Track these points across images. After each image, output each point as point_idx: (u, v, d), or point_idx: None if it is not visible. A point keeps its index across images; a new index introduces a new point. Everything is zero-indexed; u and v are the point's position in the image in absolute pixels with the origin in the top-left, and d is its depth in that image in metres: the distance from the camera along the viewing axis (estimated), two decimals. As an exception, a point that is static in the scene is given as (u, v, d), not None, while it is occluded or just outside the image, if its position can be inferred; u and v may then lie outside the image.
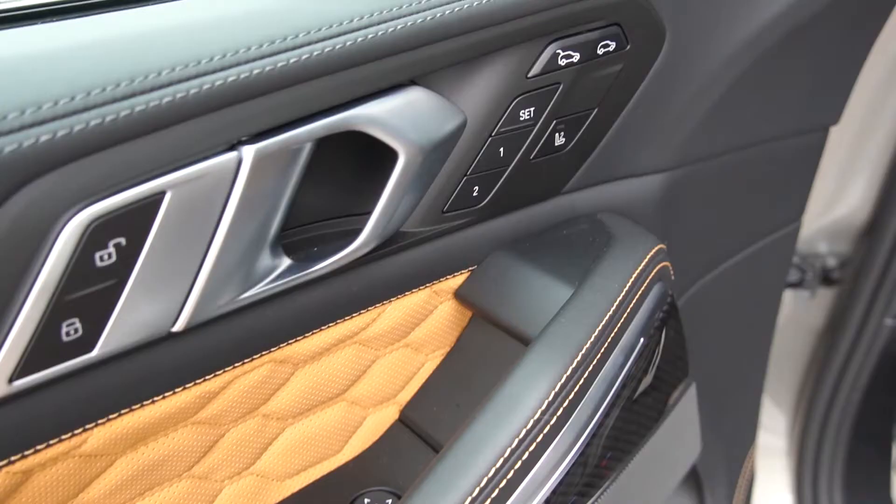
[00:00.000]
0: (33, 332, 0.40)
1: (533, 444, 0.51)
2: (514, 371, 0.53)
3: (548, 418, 0.51)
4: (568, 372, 0.53)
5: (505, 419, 0.51)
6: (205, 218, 0.44)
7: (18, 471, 0.45)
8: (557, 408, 0.52)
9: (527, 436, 0.51)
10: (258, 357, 0.53)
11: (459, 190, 0.57)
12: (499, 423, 0.51)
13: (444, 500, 0.50)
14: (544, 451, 0.52)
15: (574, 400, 0.53)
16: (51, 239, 0.39)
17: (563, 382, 0.52)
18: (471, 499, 0.49)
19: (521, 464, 0.51)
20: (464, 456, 0.51)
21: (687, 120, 0.68)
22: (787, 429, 1.41)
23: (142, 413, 0.49)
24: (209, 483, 0.58)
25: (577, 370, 0.53)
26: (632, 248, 0.63)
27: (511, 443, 0.50)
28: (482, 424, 0.51)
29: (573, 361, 0.53)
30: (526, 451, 0.51)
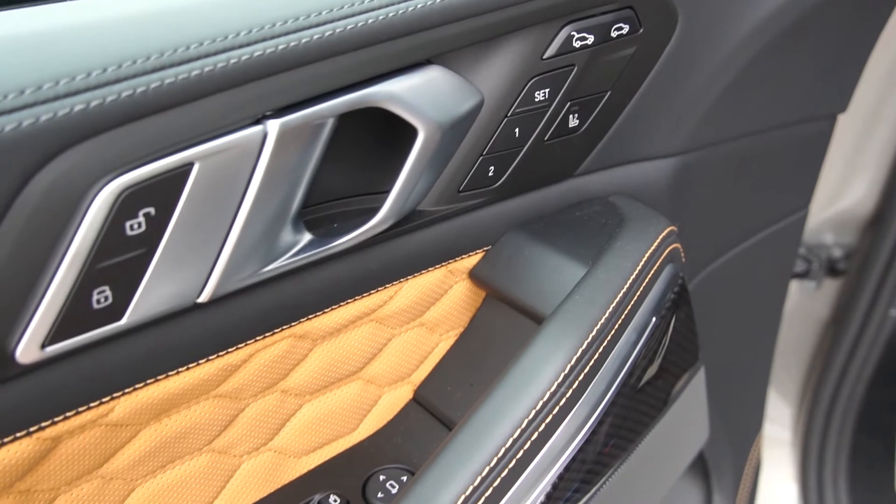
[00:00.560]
0: (65, 299, 0.41)
1: (549, 416, 0.52)
2: (529, 346, 0.54)
3: (563, 391, 0.52)
4: (583, 346, 0.54)
5: (521, 393, 0.52)
6: (231, 190, 0.45)
7: (48, 437, 0.46)
8: (573, 382, 0.53)
9: (542, 409, 0.52)
10: (279, 331, 0.54)
11: (475, 170, 0.58)
12: (514, 397, 0.52)
13: (460, 475, 0.51)
14: (559, 425, 0.53)
15: (589, 374, 0.54)
16: (83, 207, 0.40)
17: (579, 357, 0.53)
18: (488, 468, 0.50)
19: (538, 436, 0.52)
20: (480, 429, 0.52)
21: (697, 105, 0.69)
22: (792, 420, 1.42)
23: (166, 384, 0.50)
24: (228, 458, 0.59)
25: (591, 345, 0.54)
26: (644, 228, 0.64)
27: (527, 415, 0.51)
28: (498, 399, 0.52)
29: (588, 337, 0.54)
30: (542, 424, 0.52)
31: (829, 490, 1.37)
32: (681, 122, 0.69)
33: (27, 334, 0.41)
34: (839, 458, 1.37)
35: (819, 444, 1.37)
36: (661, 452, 0.74)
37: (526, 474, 0.53)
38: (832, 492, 1.37)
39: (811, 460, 1.38)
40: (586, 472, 0.60)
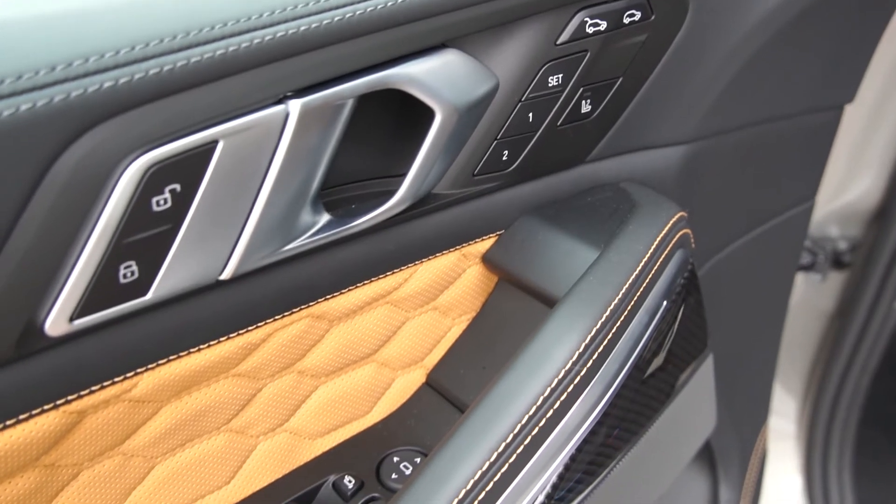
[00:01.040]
0: (93, 272, 0.42)
1: (563, 394, 0.53)
2: (543, 326, 0.55)
3: (578, 369, 0.53)
4: (597, 326, 0.54)
5: (535, 372, 0.53)
6: (253, 168, 0.46)
7: (74, 410, 0.47)
8: (587, 361, 0.54)
9: (556, 388, 0.53)
10: (297, 311, 0.55)
11: (490, 154, 0.59)
12: (529, 376, 0.53)
13: (474, 453, 0.52)
14: (572, 403, 0.54)
15: (602, 353, 0.55)
16: (111, 182, 0.41)
17: (593, 336, 0.54)
18: (504, 444, 0.51)
19: (552, 413, 0.52)
20: (494, 408, 0.52)
21: (707, 93, 0.69)
22: (797, 412, 1.43)
23: (188, 361, 0.51)
24: (245, 438, 0.60)
25: (605, 325, 0.55)
26: (655, 213, 0.65)
27: (542, 393, 0.52)
28: (512, 378, 0.53)
29: (602, 317, 0.55)
30: (557, 402, 0.53)
31: (834, 482, 1.37)
32: (690, 109, 0.70)
33: (56, 307, 0.42)
34: (844, 450, 1.38)
35: (824, 437, 1.37)
36: (670, 439, 0.74)
37: (539, 453, 0.54)
38: (837, 484, 1.37)
39: (816, 452, 1.38)
40: (597, 454, 0.61)
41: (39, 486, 0.50)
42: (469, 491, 0.51)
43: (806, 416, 1.40)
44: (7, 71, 0.38)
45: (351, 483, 0.62)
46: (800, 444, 1.42)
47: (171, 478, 0.57)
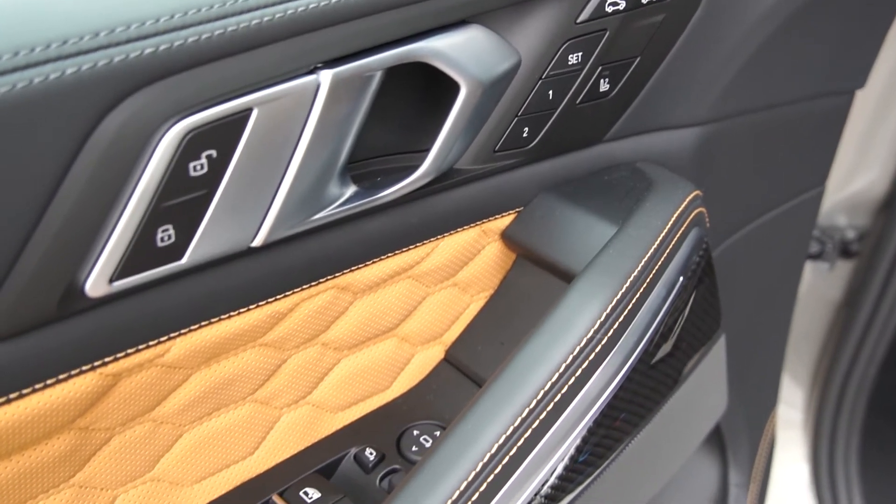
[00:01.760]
0: (132, 235, 0.43)
1: (585, 362, 0.54)
2: (565, 295, 0.56)
3: (599, 337, 0.54)
4: (618, 296, 0.56)
5: (557, 340, 0.54)
6: (286, 137, 0.47)
7: (110, 373, 0.48)
8: (608, 329, 0.55)
9: (579, 355, 0.54)
10: (323, 282, 0.56)
11: (510, 130, 0.60)
12: (552, 342, 0.54)
13: (496, 421, 0.53)
14: (593, 372, 0.55)
15: (623, 323, 0.56)
16: (151, 147, 0.42)
17: (614, 306, 0.55)
18: (527, 410, 0.52)
19: (575, 380, 0.54)
20: (518, 374, 0.54)
21: (722, 74, 0.71)
22: (804, 402, 1.44)
23: (218, 328, 0.52)
24: (269, 409, 0.62)
25: (625, 296, 0.56)
26: (671, 191, 0.66)
27: (564, 360, 0.53)
28: (536, 344, 0.54)
29: (622, 287, 0.56)
30: (579, 369, 0.54)
31: (841, 471, 1.38)
32: (705, 91, 0.71)
33: (96, 269, 0.43)
34: (850, 439, 1.39)
35: (831, 426, 1.38)
36: (683, 417, 0.75)
37: (560, 421, 0.55)
38: (843, 473, 1.38)
39: (823, 441, 1.39)
40: (615, 428, 0.62)
41: (74, 448, 0.51)
42: (493, 456, 0.52)
43: (813, 405, 1.41)
44: (53, 36, 0.39)
45: (372, 455, 0.63)
46: (806, 432, 1.43)
47: (197, 446, 0.58)
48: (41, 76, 0.38)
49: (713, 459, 1.07)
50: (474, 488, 0.52)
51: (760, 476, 1.11)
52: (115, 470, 0.55)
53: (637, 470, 0.70)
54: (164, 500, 0.58)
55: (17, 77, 0.38)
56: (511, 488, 0.54)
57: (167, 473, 0.58)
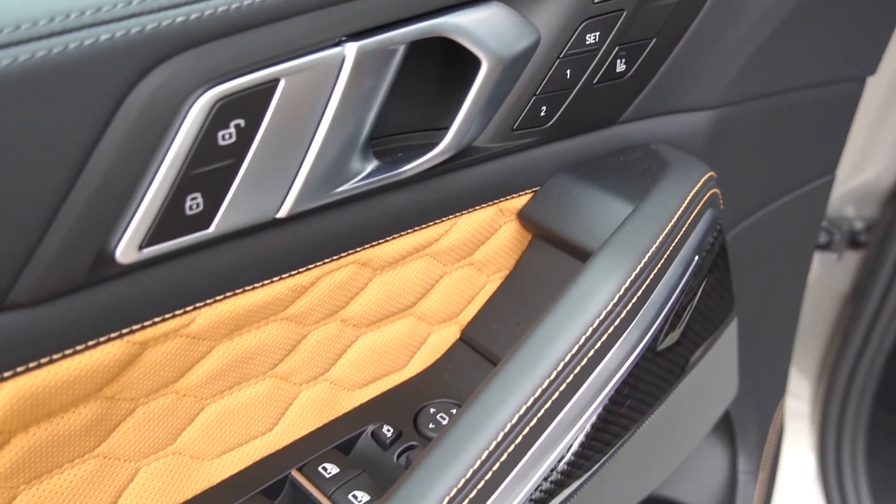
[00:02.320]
0: (162, 202, 0.44)
1: (605, 335, 0.55)
2: (584, 270, 0.57)
3: (619, 311, 0.55)
4: (636, 271, 0.56)
5: (578, 311, 0.54)
6: (311, 108, 0.48)
7: (137, 341, 0.49)
8: (626, 303, 0.56)
9: (598, 327, 0.54)
10: (345, 256, 0.57)
11: (529, 109, 0.61)
12: (572, 315, 0.54)
13: (519, 391, 0.53)
14: (612, 345, 0.56)
15: (641, 297, 0.57)
16: (181, 115, 0.43)
17: (632, 280, 0.56)
18: (548, 381, 0.53)
19: (594, 352, 0.54)
20: (537, 347, 0.54)
21: (736, 57, 0.71)
22: (811, 393, 1.44)
23: (242, 299, 0.53)
24: (289, 385, 0.62)
25: (643, 271, 0.57)
26: (686, 171, 0.66)
27: (585, 332, 0.54)
28: (556, 317, 0.55)
29: (640, 263, 0.57)
30: (598, 342, 0.54)
31: (847, 462, 1.39)
32: (719, 74, 0.71)
33: (127, 235, 0.44)
34: (857, 430, 1.39)
35: (837, 417, 1.39)
36: (694, 401, 0.76)
37: (575, 398, 0.56)
38: (850, 464, 1.39)
39: (829, 433, 1.40)
40: (629, 407, 0.62)
41: (100, 418, 0.52)
42: (511, 430, 0.52)
43: (820, 396, 1.41)
44: (87, 4, 0.40)
45: (389, 432, 0.64)
46: (813, 424, 1.43)
47: (218, 420, 0.59)
48: (76, 42, 0.39)
49: (722, 447, 1.08)
50: (490, 464, 0.52)
51: (769, 464, 1.12)
52: (138, 441, 0.55)
53: (649, 452, 0.70)
54: (185, 473, 0.59)
55: (52, 42, 0.38)
56: (527, 465, 0.54)
57: (188, 447, 0.58)
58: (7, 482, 0.50)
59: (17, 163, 0.40)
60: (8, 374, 0.44)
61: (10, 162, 0.39)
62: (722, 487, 1.11)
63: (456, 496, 0.51)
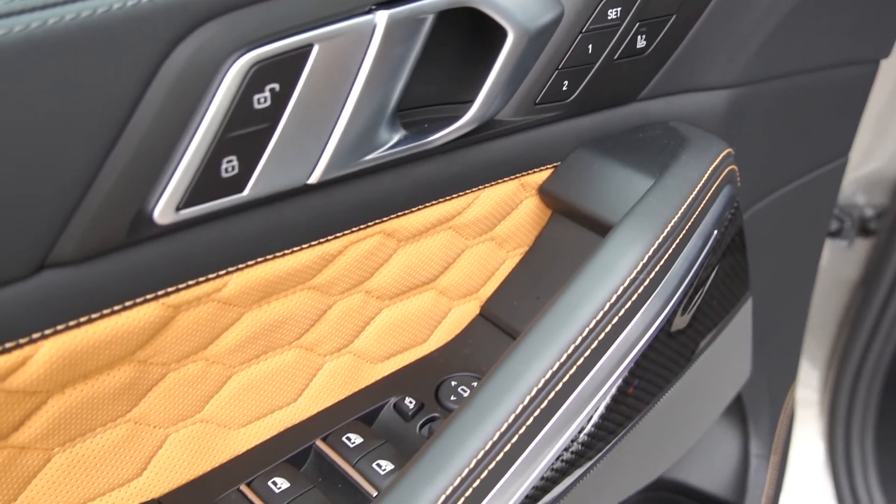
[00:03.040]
0: (199, 164, 0.45)
1: (629, 302, 0.55)
2: (607, 240, 0.57)
3: (642, 278, 0.56)
4: (659, 240, 0.57)
5: (600, 281, 0.55)
6: (344, 75, 0.49)
7: (171, 304, 0.50)
8: (649, 272, 0.56)
9: (622, 294, 0.55)
10: (371, 225, 0.58)
11: (551, 83, 0.62)
12: (595, 285, 0.55)
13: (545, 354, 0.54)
14: (635, 313, 0.56)
15: (664, 266, 0.58)
16: (219, 78, 0.44)
17: (656, 248, 0.57)
18: (573, 347, 0.54)
19: (618, 319, 0.55)
20: (562, 313, 0.55)
21: (753, 36, 0.72)
22: (820, 382, 1.45)
23: (272, 265, 0.54)
24: (313, 356, 0.63)
25: (665, 241, 0.58)
26: (705, 147, 0.67)
27: (609, 298, 0.55)
28: (580, 284, 0.56)
29: (662, 233, 0.58)
30: (622, 309, 0.55)
31: (857, 449, 1.39)
32: (736, 53, 0.72)
33: (165, 196, 0.45)
34: (866, 418, 1.40)
35: (847, 405, 1.39)
36: (709, 380, 0.76)
37: (597, 368, 0.56)
38: (859, 451, 1.39)
39: (838, 420, 1.40)
40: (648, 380, 0.63)
41: (133, 382, 0.52)
42: (534, 397, 0.53)
43: (829, 384, 1.42)
44: (129, -34, 0.41)
45: (411, 404, 0.65)
46: (822, 411, 1.44)
47: (245, 390, 0.60)
48: (119, 3, 0.40)
49: (734, 430, 1.08)
50: (510, 436, 0.53)
51: (781, 448, 1.12)
52: (167, 408, 0.56)
53: (663, 431, 0.71)
54: (212, 441, 0.59)
55: (97, 2, 0.39)
56: (546, 437, 0.55)
57: (216, 415, 0.59)
58: (42, 443, 0.51)
59: (61, 121, 0.40)
60: (49, 331, 0.45)
61: (55, 120, 0.40)
62: (734, 471, 1.11)
63: (476, 466, 0.52)
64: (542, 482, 0.56)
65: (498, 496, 0.53)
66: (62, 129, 0.41)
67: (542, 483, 0.56)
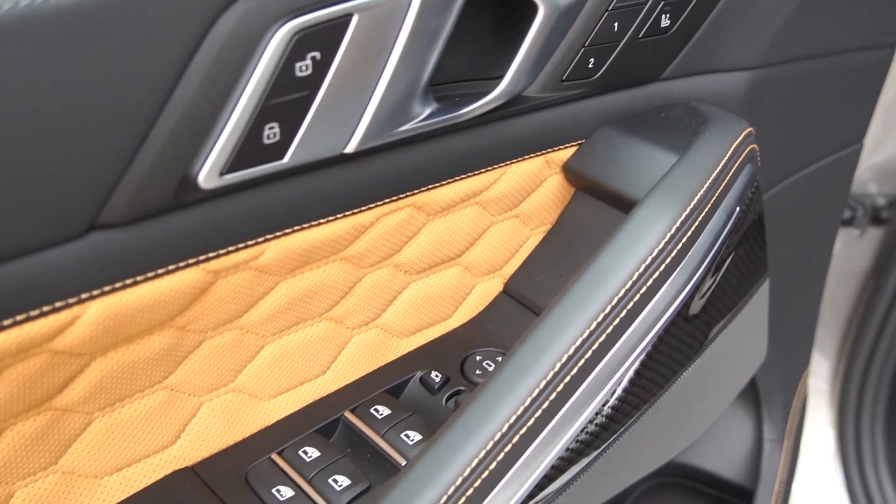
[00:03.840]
0: (243, 130, 0.46)
1: (656, 272, 0.56)
2: (635, 211, 0.58)
3: (669, 249, 0.57)
4: (686, 212, 0.58)
5: (630, 249, 0.56)
6: (381, 45, 0.50)
7: (211, 269, 0.51)
8: (677, 243, 0.57)
9: (651, 264, 0.56)
10: (403, 198, 0.59)
11: (577, 60, 0.63)
12: (625, 252, 0.56)
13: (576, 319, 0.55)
14: (663, 283, 0.57)
15: (691, 238, 0.59)
16: (262, 45, 0.45)
17: (683, 220, 0.58)
18: (603, 315, 0.55)
19: (646, 289, 0.56)
20: (592, 282, 0.56)
21: (774, 18, 0.73)
22: (830, 372, 1.46)
23: (308, 234, 0.55)
24: (342, 329, 0.64)
25: (692, 214, 0.59)
26: (727, 126, 0.68)
27: (637, 268, 0.56)
28: (609, 254, 0.57)
29: (689, 205, 0.59)
30: (650, 279, 0.56)
31: (867, 438, 1.40)
32: (757, 35, 0.73)
33: (209, 161, 0.46)
34: (876, 408, 1.40)
35: (857, 395, 1.40)
36: (726, 361, 0.77)
37: (626, 336, 0.57)
38: (869, 439, 1.40)
39: (848, 410, 1.41)
40: (668, 356, 0.64)
41: (171, 348, 0.54)
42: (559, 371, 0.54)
43: (839, 374, 1.43)
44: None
45: (437, 378, 0.66)
46: (833, 401, 1.45)
47: (276, 360, 0.61)
48: (169, -31, 0.41)
49: (748, 414, 1.09)
50: (537, 406, 0.54)
51: (794, 432, 1.13)
52: (203, 376, 0.57)
53: (681, 410, 0.72)
54: (244, 411, 0.61)
55: (148, -31, 0.40)
56: (574, 406, 0.56)
57: (248, 385, 0.60)
58: (84, 407, 0.52)
59: (112, 85, 0.42)
60: (97, 292, 0.46)
61: (107, 85, 0.41)
62: (747, 455, 1.12)
63: (501, 439, 0.53)
64: (567, 453, 0.57)
65: (523, 468, 0.54)
66: (113, 94, 0.42)
67: (568, 454, 0.57)
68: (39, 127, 0.40)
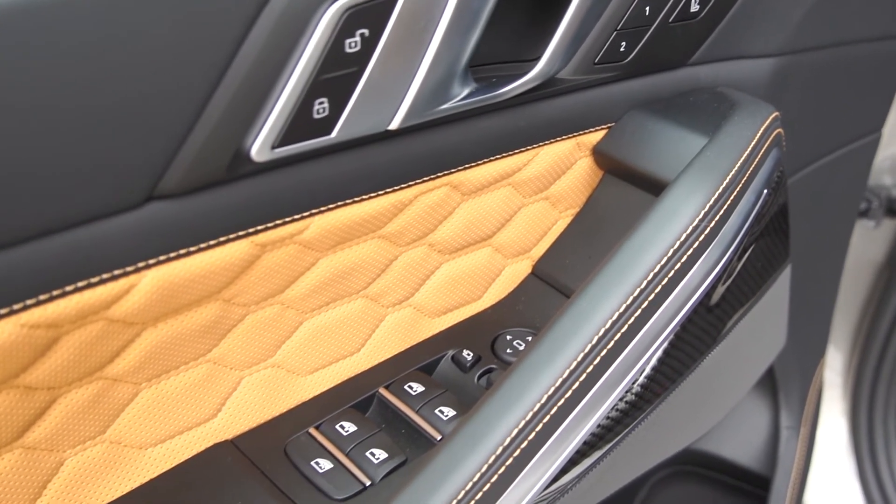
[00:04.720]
0: (294, 105, 0.47)
1: (690, 249, 0.58)
2: (669, 189, 0.60)
3: (703, 227, 0.58)
4: (720, 190, 0.59)
5: (666, 223, 0.57)
6: (426, 23, 0.51)
7: (259, 243, 0.52)
8: (710, 221, 0.59)
9: (685, 241, 0.57)
10: (440, 176, 0.60)
11: (609, 43, 0.64)
12: (659, 228, 0.57)
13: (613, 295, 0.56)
14: (697, 259, 0.58)
15: (723, 216, 0.60)
16: (314, 22, 0.46)
17: (716, 198, 0.59)
18: (639, 290, 0.56)
19: (681, 265, 0.57)
20: (627, 259, 0.57)
21: (798, 6, 0.74)
22: (844, 365, 1.47)
23: (350, 210, 0.56)
24: (377, 307, 0.65)
25: (724, 192, 0.60)
26: (755, 110, 0.69)
27: (673, 244, 0.57)
28: (643, 231, 0.58)
29: (722, 183, 0.60)
30: (685, 255, 0.57)
31: (880, 428, 1.41)
32: (782, 22, 0.74)
33: (262, 134, 0.47)
34: (890, 398, 1.41)
35: (870, 386, 1.41)
36: (744, 350, 0.78)
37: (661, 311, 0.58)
38: (882, 430, 1.41)
39: (862, 402, 1.42)
40: (696, 336, 0.65)
41: (216, 321, 0.55)
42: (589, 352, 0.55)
43: (853, 367, 1.44)
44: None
45: (469, 356, 0.67)
46: (846, 392, 1.46)
47: (314, 336, 0.62)
48: (228, -55, 0.42)
49: (765, 402, 1.10)
50: (567, 386, 0.55)
51: (810, 421, 1.14)
52: (244, 350, 0.58)
53: (702, 394, 0.73)
54: (282, 386, 0.62)
55: (208, -55, 0.42)
56: (605, 385, 0.57)
57: (286, 361, 0.61)
58: (133, 377, 0.53)
59: (171, 60, 0.43)
60: (153, 261, 0.47)
61: (166, 59, 0.43)
62: (764, 443, 1.13)
63: (532, 418, 0.54)
64: (598, 429, 0.58)
65: (555, 445, 0.55)
66: (172, 68, 0.43)
67: (599, 430, 0.58)
68: (104, 99, 0.42)
